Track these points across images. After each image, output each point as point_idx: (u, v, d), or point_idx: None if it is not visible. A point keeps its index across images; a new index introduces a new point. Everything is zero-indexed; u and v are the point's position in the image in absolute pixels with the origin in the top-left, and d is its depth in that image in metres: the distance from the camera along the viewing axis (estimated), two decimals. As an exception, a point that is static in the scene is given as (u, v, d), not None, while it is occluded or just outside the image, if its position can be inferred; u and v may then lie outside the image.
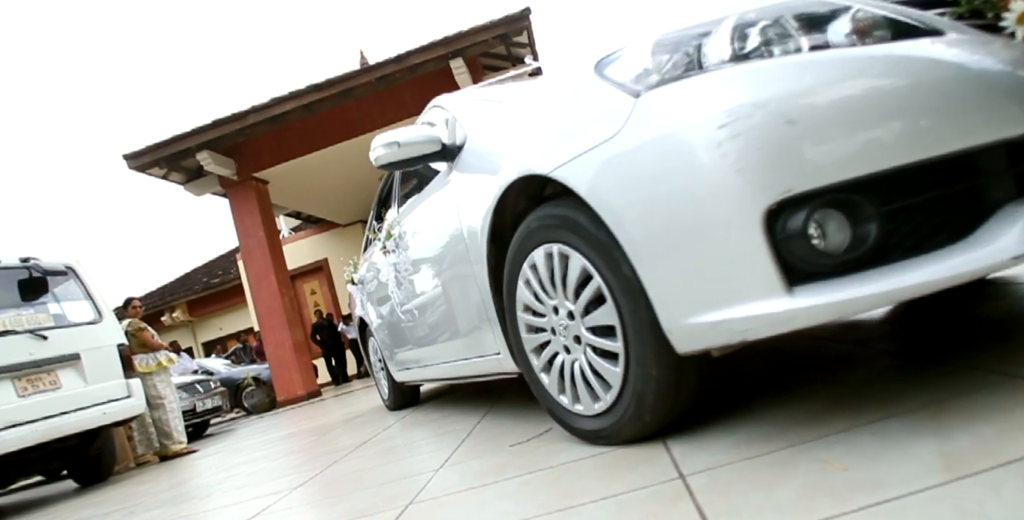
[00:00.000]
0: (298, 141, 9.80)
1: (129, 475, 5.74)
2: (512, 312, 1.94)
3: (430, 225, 2.63)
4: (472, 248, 2.16)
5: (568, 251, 1.61)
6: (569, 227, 1.58)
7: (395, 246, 3.19)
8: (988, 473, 0.91)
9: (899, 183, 1.15)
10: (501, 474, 1.73)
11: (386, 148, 2.33)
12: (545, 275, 1.73)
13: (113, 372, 5.41)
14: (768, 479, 1.12)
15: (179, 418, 6.40)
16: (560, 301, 1.69)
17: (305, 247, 14.44)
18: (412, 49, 8.76)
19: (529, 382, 1.97)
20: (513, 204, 1.94)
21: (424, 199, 2.74)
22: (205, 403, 8.79)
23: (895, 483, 0.96)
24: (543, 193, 1.91)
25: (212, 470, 4.27)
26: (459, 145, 2.33)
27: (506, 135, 1.96)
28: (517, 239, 1.83)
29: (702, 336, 1.27)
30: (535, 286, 1.78)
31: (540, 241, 1.72)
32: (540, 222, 1.71)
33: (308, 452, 3.64)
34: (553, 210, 1.66)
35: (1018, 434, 1.00)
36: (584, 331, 1.62)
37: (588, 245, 1.52)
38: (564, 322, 1.70)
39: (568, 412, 1.78)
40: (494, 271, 2.07)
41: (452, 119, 2.49)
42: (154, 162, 9.57)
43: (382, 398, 4.84)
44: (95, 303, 5.65)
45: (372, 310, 4.29)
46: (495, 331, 2.19)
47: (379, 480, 2.16)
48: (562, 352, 1.75)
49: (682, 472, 1.29)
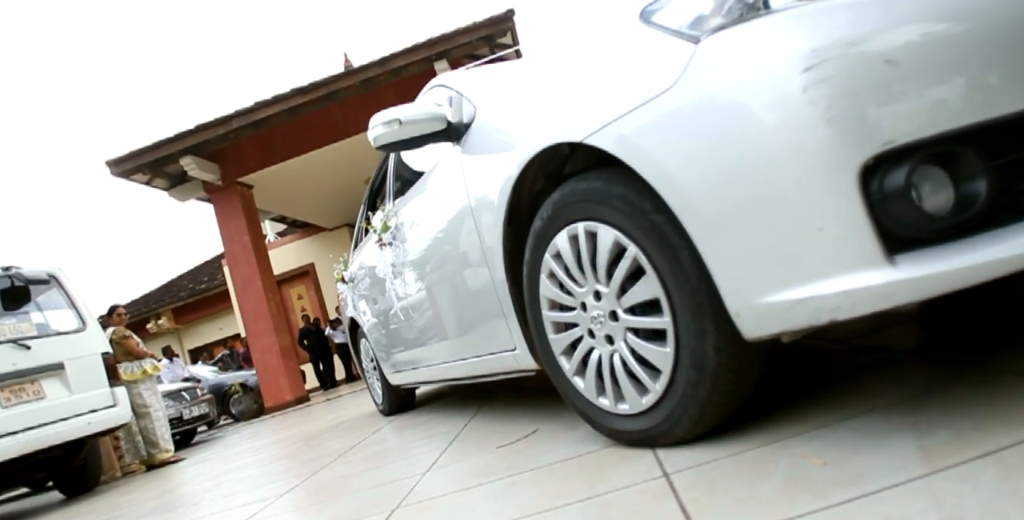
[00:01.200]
0: (283, 145, 9.76)
1: (115, 485, 5.69)
2: (535, 310, 1.75)
3: (434, 212, 2.44)
4: (485, 233, 1.98)
5: (596, 227, 1.44)
6: (600, 200, 1.41)
7: (392, 238, 3.00)
8: (965, 466, 0.92)
9: (1016, 132, 0.98)
10: (488, 476, 1.74)
11: (386, 127, 2.16)
12: (571, 260, 1.54)
13: (98, 381, 5.36)
14: (750, 476, 1.13)
15: (165, 426, 6.36)
16: (591, 287, 1.51)
17: (291, 252, 14.38)
18: (396, 51, 8.76)
19: (560, 388, 1.75)
20: (531, 184, 1.77)
21: (426, 185, 2.57)
22: (192, 411, 8.72)
23: (874, 477, 0.97)
24: (563, 171, 1.78)
25: (200, 478, 4.25)
26: (466, 123, 2.14)
27: (524, 105, 1.78)
28: (538, 226, 1.66)
29: (779, 317, 1.10)
30: (561, 276, 1.60)
31: (564, 223, 1.54)
32: (565, 199, 1.53)
33: (296, 458, 3.62)
34: (580, 185, 1.49)
35: (994, 427, 1.02)
36: (623, 313, 1.44)
37: (624, 217, 1.35)
38: (599, 311, 1.50)
39: (610, 415, 1.56)
40: (510, 256, 1.88)
41: (457, 96, 2.29)
42: (137, 168, 9.50)
43: (375, 403, 4.64)
44: (79, 311, 5.60)
45: (365, 309, 4.06)
46: (511, 324, 2.00)
47: (367, 484, 2.15)
48: (598, 345, 1.55)
49: (666, 470, 1.30)
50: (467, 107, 2.18)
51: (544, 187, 1.79)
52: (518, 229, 1.84)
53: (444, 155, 2.34)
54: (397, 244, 2.94)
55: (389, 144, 2.18)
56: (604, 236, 1.42)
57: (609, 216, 1.40)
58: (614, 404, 1.53)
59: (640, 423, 1.47)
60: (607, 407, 1.56)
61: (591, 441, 1.73)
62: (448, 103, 2.32)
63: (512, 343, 2.04)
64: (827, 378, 1.66)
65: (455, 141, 2.19)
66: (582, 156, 1.70)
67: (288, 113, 9.17)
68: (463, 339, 2.48)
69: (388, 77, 8.84)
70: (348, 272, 4.33)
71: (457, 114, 2.22)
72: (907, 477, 0.94)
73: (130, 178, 9.72)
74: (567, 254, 1.55)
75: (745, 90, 1.07)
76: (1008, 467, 0.88)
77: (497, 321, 2.07)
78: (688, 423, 1.36)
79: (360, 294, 4.08)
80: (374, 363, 4.24)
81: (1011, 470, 0.87)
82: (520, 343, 1.99)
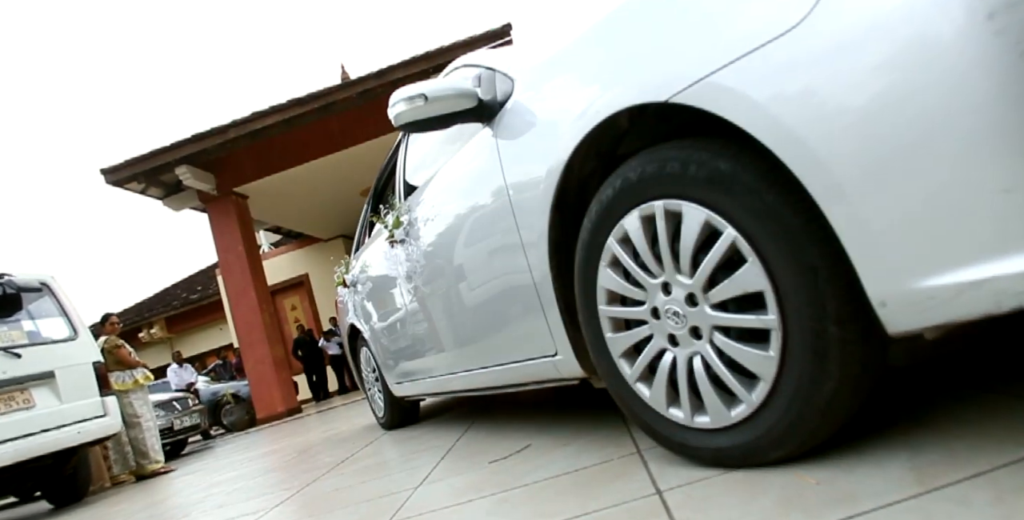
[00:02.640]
0: (279, 156, 9.78)
1: (105, 495, 5.64)
2: (589, 306, 1.51)
3: (459, 202, 2.19)
4: (525, 222, 1.75)
5: (680, 206, 1.22)
6: (690, 174, 1.19)
7: (405, 235, 2.75)
8: (958, 486, 0.92)
9: None
10: (480, 491, 1.73)
11: (408, 103, 1.93)
12: (643, 245, 1.32)
13: (88, 390, 5.33)
14: (743, 494, 1.13)
15: (156, 437, 6.32)
16: (668, 277, 1.29)
17: (286, 262, 14.35)
18: (394, 64, 8.81)
19: (618, 397, 1.52)
20: (580, 166, 1.54)
21: (448, 173, 2.32)
22: (183, 421, 8.67)
23: (867, 497, 0.97)
24: (617, 150, 1.56)
25: (190, 489, 4.21)
26: (500, 101, 1.91)
27: (578, 70, 1.53)
28: (599, 206, 1.42)
29: (943, 305, 0.89)
30: (628, 264, 1.37)
31: (636, 201, 1.31)
32: (641, 173, 1.29)
33: (288, 470, 3.60)
34: (663, 154, 1.26)
35: (988, 447, 1.02)
36: (710, 309, 1.22)
37: (720, 193, 1.14)
38: (676, 306, 1.28)
39: (683, 429, 1.34)
40: (556, 246, 1.65)
41: (488, 73, 2.06)
42: (132, 177, 9.49)
43: (375, 416, 4.35)
44: (70, 320, 5.58)
45: (368, 314, 3.77)
46: (552, 326, 1.76)
47: (359, 498, 2.14)
48: (673, 347, 1.33)
49: (659, 488, 1.29)
50: (501, 83, 1.96)
51: (594, 170, 1.58)
52: (564, 216, 1.63)
53: (472, 138, 2.10)
54: (411, 241, 2.70)
55: (411, 123, 1.96)
56: (691, 217, 1.20)
57: (698, 192, 1.18)
58: (690, 416, 1.31)
59: (725, 439, 1.26)
60: (680, 419, 1.34)
61: (584, 457, 1.73)
62: (476, 82, 2.08)
63: (552, 347, 1.81)
64: (821, 395, 1.66)
65: (486, 122, 1.96)
66: (640, 132, 1.49)
67: (285, 124, 9.19)
68: (490, 344, 2.22)
69: (386, 89, 8.84)
70: (350, 275, 4.08)
71: (489, 91, 1.99)
72: (900, 497, 0.94)
73: (125, 187, 9.71)
74: (638, 238, 1.33)
75: (904, 22, 0.86)
76: (1002, 489, 0.88)
77: (535, 322, 1.83)
78: (792, 441, 1.16)
79: (363, 298, 3.83)
80: (376, 373, 3.98)
81: (1004, 492, 0.87)
82: (563, 347, 1.75)
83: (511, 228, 1.82)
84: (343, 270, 4.17)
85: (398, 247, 2.87)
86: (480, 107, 1.95)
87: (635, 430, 1.86)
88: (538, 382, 2.07)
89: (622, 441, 1.78)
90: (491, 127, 1.94)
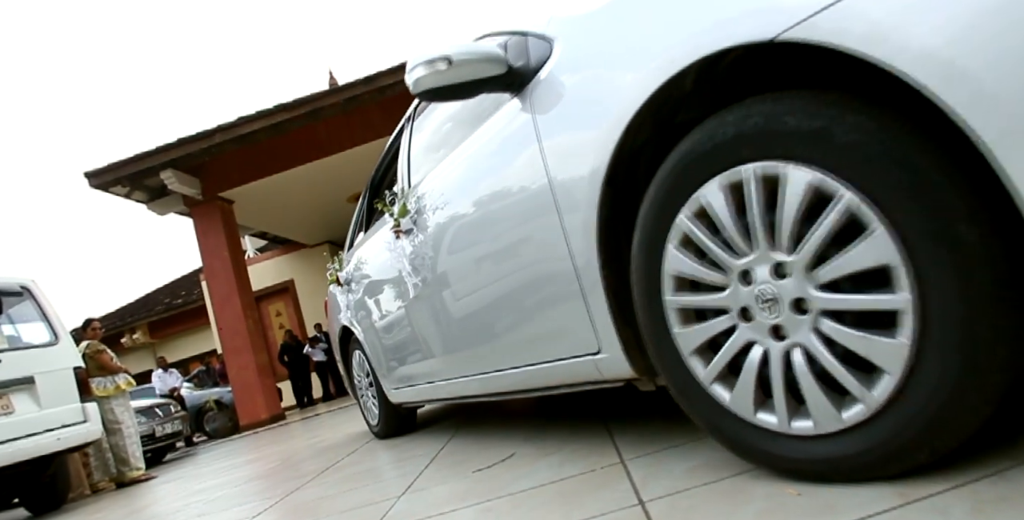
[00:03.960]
0: (265, 161, 9.72)
1: (84, 503, 5.57)
2: (649, 295, 1.32)
3: (481, 182, 1.97)
4: (568, 201, 1.52)
5: (780, 168, 1.03)
6: (795, 127, 1.01)
7: (413, 224, 2.51)
8: (938, 497, 0.93)
9: None
10: (465, 500, 1.72)
11: (428, 67, 1.70)
12: (728, 218, 1.13)
13: (69, 396, 5.26)
14: (725, 505, 1.13)
15: (137, 444, 6.25)
16: (762, 254, 1.10)
17: (271, 268, 14.28)
18: (382, 70, 8.78)
19: (685, 402, 1.32)
20: (633, 137, 1.33)
21: (466, 153, 2.09)
22: (164, 428, 8.58)
23: (847, 508, 0.97)
24: (675, 118, 1.36)
25: (171, 497, 4.17)
26: (534, 67, 1.68)
27: (645, 14, 1.29)
28: (667, 178, 1.23)
29: None
30: (704, 243, 1.19)
31: (718, 167, 1.13)
32: (735, 130, 1.09)
33: (270, 478, 3.57)
34: (755, 109, 1.07)
35: (967, 459, 1.02)
36: (816, 291, 1.03)
37: (842, 150, 0.96)
38: (771, 287, 1.09)
39: (775, 438, 1.15)
40: (606, 227, 1.43)
41: (518, 39, 1.82)
42: (116, 180, 9.41)
43: (368, 424, 4.07)
44: (51, 324, 5.52)
45: (363, 314, 3.49)
46: (596, 319, 1.53)
47: (341, 507, 2.12)
48: (764, 339, 1.13)
49: (642, 498, 1.29)
50: (535, 47, 1.72)
51: (646, 142, 1.38)
52: (616, 194, 1.43)
53: (496, 112, 1.89)
54: (419, 231, 2.45)
55: (431, 90, 1.74)
56: (796, 180, 1.01)
57: (806, 151, 1.00)
58: (786, 422, 1.11)
59: (831, 448, 1.06)
60: (772, 425, 1.14)
61: (568, 467, 1.72)
62: (504, 50, 1.83)
63: (594, 344, 1.57)
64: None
65: (515, 92, 1.75)
66: (700, 96, 1.30)
67: (271, 129, 9.15)
68: (516, 342, 1.98)
69: (373, 96, 8.84)
70: (343, 273, 3.79)
71: (521, 57, 1.76)
72: (880, 509, 0.94)
73: (109, 190, 9.62)
74: (721, 210, 1.14)
75: None
76: (980, 500, 0.88)
77: (575, 317, 1.60)
78: (922, 450, 0.98)
79: (358, 297, 3.55)
80: (370, 378, 3.70)
81: (983, 503, 0.87)
82: (609, 344, 1.52)
83: (547, 207, 1.59)
84: (336, 267, 3.92)
85: (404, 238, 2.61)
86: (509, 74, 1.73)
87: (619, 440, 1.86)
88: (572, 385, 1.83)
89: (606, 451, 1.78)
90: (521, 98, 1.73)
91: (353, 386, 4.21)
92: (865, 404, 0.99)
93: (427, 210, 2.37)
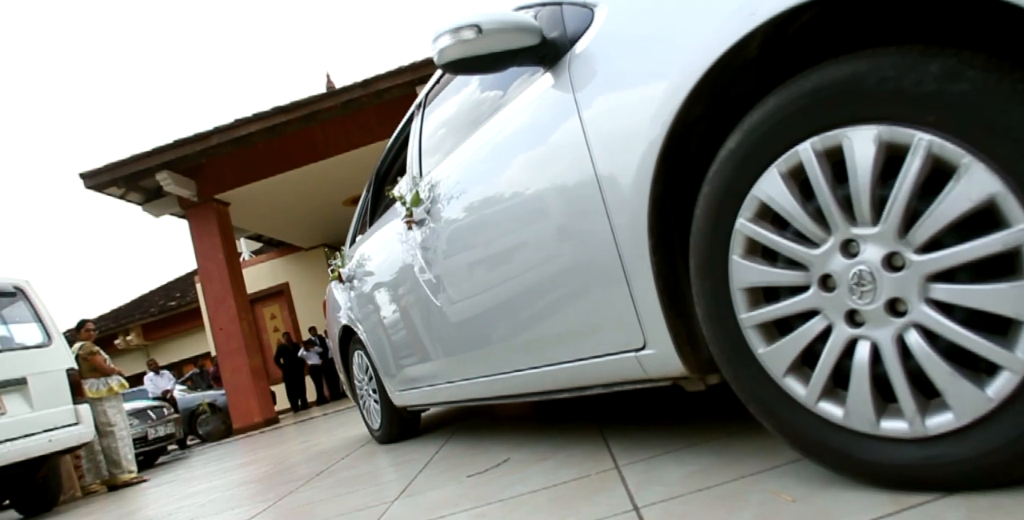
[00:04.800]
0: (262, 163, 9.72)
1: (75, 505, 5.55)
2: (712, 278, 1.18)
3: (506, 163, 1.85)
4: (613, 178, 1.38)
5: (900, 134, 0.90)
6: (916, 85, 0.88)
7: (426, 213, 2.36)
8: (932, 504, 0.93)
9: None
10: (458, 505, 1.71)
11: (455, 36, 1.58)
12: (825, 188, 0.99)
13: (61, 398, 5.24)
14: (720, 510, 1.13)
15: (129, 446, 6.22)
16: (863, 231, 0.96)
17: (266, 270, 14.25)
18: (380, 74, 8.79)
19: (753, 400, 1.17)
20: (687, 110, 1.19)
21: (489, 134, 1.95)
22: (157, 430, 8.54)
23: (842, 514, 0.97)
24: (731, 90, 1.22)
25: (163, 500, 4.15)
26: (571, 38, 1.57)
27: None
28: (745, 141, 1.09)
29: None
30: (791, 215, 1.04)
31: (812, 129, 1.00)
32: (834, 88, 0.96)
33: (263, 482, 3.55)
34: (871, 63, 0.93)
35: (960, 466, 1.03)
36: (924, 279, 0.91)
37: (969, 109, 0.84)
38: (867, 267, 0.96)
39: (860, 440, 1.01)
40: (658, 206, 1.29)
41: (550, 10, 1.70)
42: (112, 181, 9.39)
43: (368, 428, 3.89)
44: (44, 326, 5.50)
45: (368, 312, 3.31)
46: (643, 312, 1.38)
47: (334, 512, 2.11)
48: (872, 331, 0.98)
49: (636, 504, 1.29)
50: (573, 15, 1.60)
51: (701, 116, 1.24)
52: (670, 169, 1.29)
53: (528, 88, 1.76)
54: (433, 221, 2.31)
55: (457, 61, 1.61)
56: (919, 148, 0.89)
57: (923, 113, 0.88)
58: (919, 422, 0.94)
59: (928, 451, 0.94)
60: (902, 433, 0.96)
61: (563, 472, 1.72)
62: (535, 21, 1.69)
63: (638, 338, 1.42)
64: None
65: (548, 65, 1.63)
66: (759, 65, 1.17)
67: (268, 131, 9.14)
68: (545, 339, 1.82)
69: (371, 99, 8.85)
70: (346, 269, 3.60)
71: (554, 27, 1.64)
72: (875, 515, 0.94)
73: (104, 191, 9.60)
74: (816, 177, 1.00)
75: None
76: (975, 508, 0.89)
77: (617, 308, 1.45)
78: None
79: (362, 294, 3.37)
80: (373, 380, 3.53)
81: (977, 510, 0.88)
82: (657, 337, 1.37)
83: (588, 188, 1.46)
84: (339, 263, 3.71)
85: (417, 228, 2.45)
86: (543, 46, 1.61)
87: (614, 445, 1.86)
88: (608, 385, 1.66)
89: (601, 456, 1.77)
90: (555, 72, 1.61)
91: (353, 388, 4.05)
92: (1011, 371, 0.84)
93: (443, 199, 2.23)
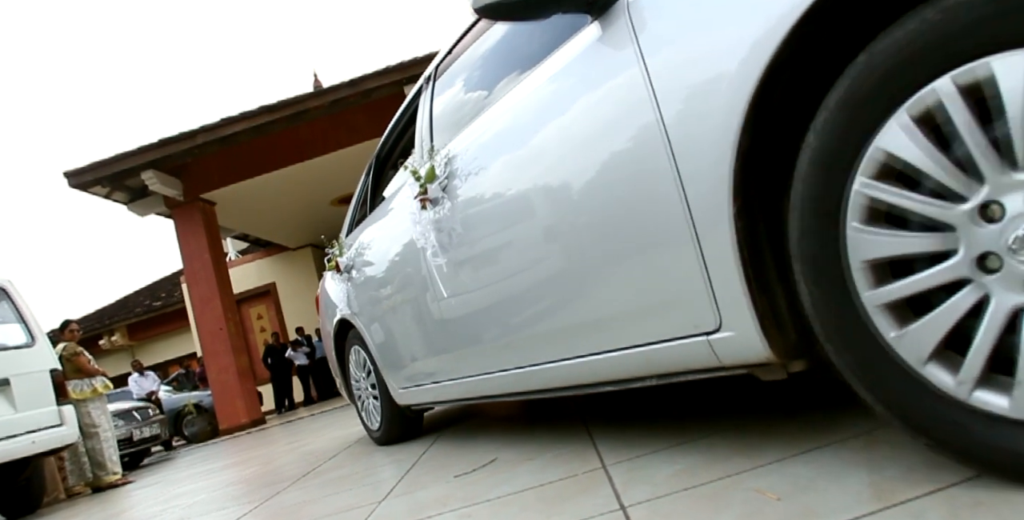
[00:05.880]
0: (248, 163, 9.66)
1: (59, 507, 5.50)
2: (823, 243, 1.00)
3: (549, 124, 1.62)
4: (687, 135, 1.19)
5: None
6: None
7: (442, 190, 2.14)
8: (916, 502, 0.93)
9: None
10: (446, 505, 1.71)
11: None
12: (971, 128, 0.82)
13: (45, 399, 5.19)
14: (705, 509, 1.13)
15: (114, 447, 6.17)
16: None
17: (252, 270, 14.17)
18: (367, 74, 8.76)
19: (874, 391, 1.00)
20: (787, 46, 1.00)
21: (525, 91, 1.75)
22: (143, 431, 8.48)
23: (826, 513, 0.98)
24: None
25: (148, 502, 4.12)
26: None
27: None
28: (868, 75, 0.91)
29: None
30: (929, 163, 0.86)
31: (962, 57, 0.82)
32: None
33: (249, 483, 3.53)
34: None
35: (945, 464, 1.03)
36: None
37: None
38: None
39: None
40: (745, 161, 1.10)
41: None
42: (97, 180, 9.31)
43: (367, 429, 3.63)
44: (28, 326, 5.44)
45: (369, 303, 3.05)
46: (719, 288, 1.19)
47: (321, 513, 2.11)
48: None
49: (623, 503, 1.30)
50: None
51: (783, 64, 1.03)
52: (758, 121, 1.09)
53: (569, 40, 1.57)
54: (451, 198, 2.10)
55: (494, 6, 1.45)
56: None
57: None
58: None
59: None
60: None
61: (550, 471, 1.72)
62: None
63: (712, 319, 1.23)
64: (781, 412, 1.68)
65: (597, 13, 1.43)
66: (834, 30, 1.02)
67: (255, 131, 9.09)
68: (587, 324, 1.60)
69: (358, 99, 8.82)
70: (344, 258, 3.34)
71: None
72: (859, 513, 0.95)
73: (88, 190, 9.52)
74: (960, 117, 0.83)
75: None
76: (957, 505, 0.89)
77: (684, 283, 1.26)
78: None
79: (362, 283, 3.13)
80: (372, 377, 3.28)
81: (960, 508, 0.88)
82: (736, 317, 1.18)
83: (651, 141, 1.26)
84: (336, 252, 3.43)
85: (431, 207, 2.20)
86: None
87: (601, 444, 1.86)
88: (666, 374, 1.45)
89: (588, 456, 1.78)
90: (604, 21, 1.41)
91: (349, 387, 3.78)
92: None
93: (461, 173, 2.03)
